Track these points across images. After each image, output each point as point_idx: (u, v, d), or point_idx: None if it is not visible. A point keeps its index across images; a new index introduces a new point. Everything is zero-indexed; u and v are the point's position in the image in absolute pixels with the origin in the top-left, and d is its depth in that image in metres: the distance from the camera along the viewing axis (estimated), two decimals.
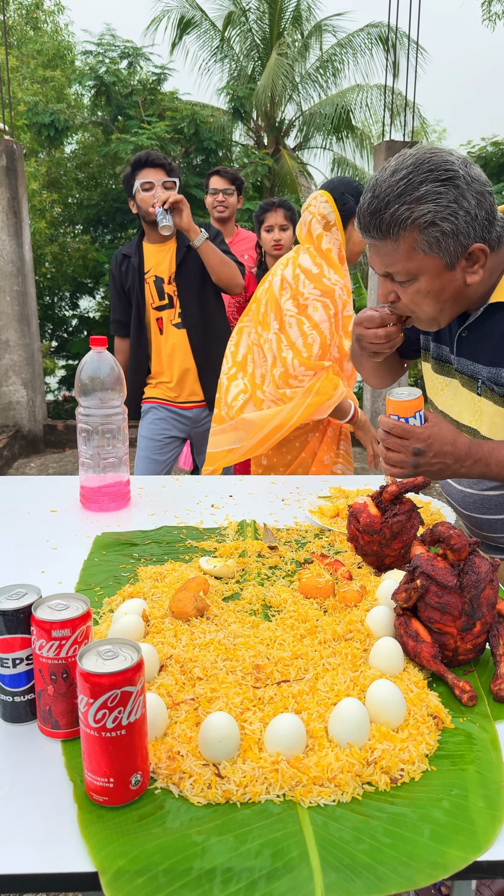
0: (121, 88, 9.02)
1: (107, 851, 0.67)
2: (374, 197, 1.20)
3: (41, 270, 9.20)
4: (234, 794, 0.74)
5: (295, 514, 1.57)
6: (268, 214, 3.20)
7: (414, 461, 1.21)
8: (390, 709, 0.83)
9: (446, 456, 1.21)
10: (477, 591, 0.93)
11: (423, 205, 1.16)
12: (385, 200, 1.18)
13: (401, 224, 1.17)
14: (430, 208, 1.16)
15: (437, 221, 1.16)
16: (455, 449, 1.21)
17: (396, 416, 1.22)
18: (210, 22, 11.10)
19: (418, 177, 1.16)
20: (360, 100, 10.79)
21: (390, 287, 1.28)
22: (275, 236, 3.20)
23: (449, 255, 1.19)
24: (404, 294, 1.26)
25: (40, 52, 11.38)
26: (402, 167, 1.18)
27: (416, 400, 1.21)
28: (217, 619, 1.06)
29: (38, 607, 0.82)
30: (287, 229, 3.24)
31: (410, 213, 1.16)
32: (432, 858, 0.67)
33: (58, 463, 6.08)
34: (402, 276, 1.23)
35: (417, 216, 1.16)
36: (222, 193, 3.85)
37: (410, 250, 1.20)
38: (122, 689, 0.70)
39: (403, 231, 1.18)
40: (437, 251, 1.19)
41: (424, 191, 1.16)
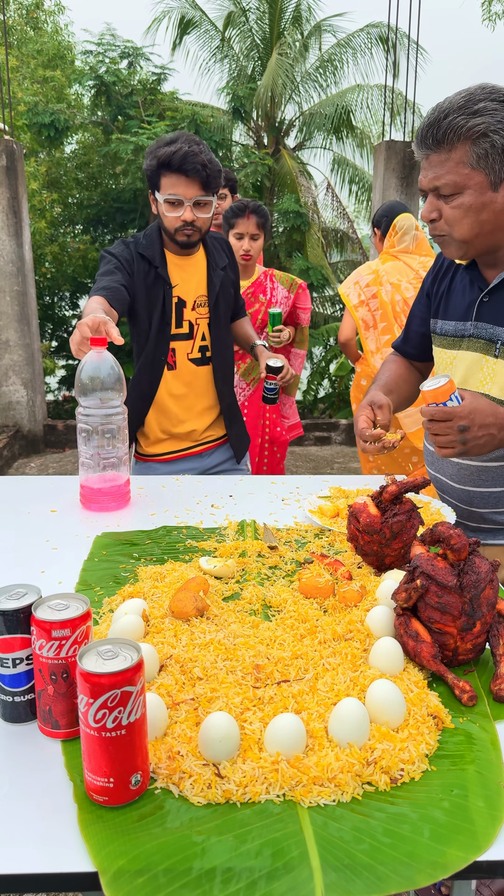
0: (121, 88, 9.02)
1: (107, 851, 0.67)
2: (435, 110, 1.30)
3: (41, 270, 9.20)
4: (234, 794, 0.74)
5: (295, 514, 1.57)
6: (239, 220, 2.92)
7: (462, 438, 1.25)
8: (390, 709, 0.83)
9: (490, 427, 1.25)
10: (477, 591, 0.93)
11: (479, 117, 1.25)
12: (445, 112, 1.28)
13: (455, 131, 1.27)
14: (484, 120, 1.25)
15: (489, 133, 1.25)
16: (497, 419, 1.26)
17: (434, 403, 1.26)
18: (210, 22, 11.10)
19: (479, 95, 1.27)
20: (360, 100, 10.79)
21: (435, 204, 1.35)
22: (244, 245, 2.94)
23: (494, 172, 1.28)
24: (446, 209, 1.34)
25: (40, 52, 11.37)
26: (466, 90, 1.30)
27: (447, 384, 1.25)
28: (217, 619, 1.06)
29: (38, 607, 0.82)
30: (258, 238, 2.97)
31: (466, 122, 1.26)
32: (432, 858, 0.67)
33: (58, 463, 6.08)
34: (448, 188, 1.31)
35: (472, 125, 1.25)
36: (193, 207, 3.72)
37: (460, 162, 1.28)
38: (122, 689, 0.70)
39: (457, 140, 1.27)
40: (484, 166, 1.28)
41: (482, 106, 1.26)
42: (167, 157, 1.95)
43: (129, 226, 9.38)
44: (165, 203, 2.00)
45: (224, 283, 2.21)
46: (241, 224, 2.91)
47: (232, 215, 2.92)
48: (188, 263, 2.15)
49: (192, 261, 2.16)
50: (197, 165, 1.93)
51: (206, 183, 1.97)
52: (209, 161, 1.96)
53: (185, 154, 1.93)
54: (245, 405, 3.19)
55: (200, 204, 2.01)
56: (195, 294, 2.15)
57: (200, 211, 2.01)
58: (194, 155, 1.93)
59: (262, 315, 3.11)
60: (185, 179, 1.95)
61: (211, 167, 1.97)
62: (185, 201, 1.98)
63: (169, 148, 1.95)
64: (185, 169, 1.93)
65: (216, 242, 2.27)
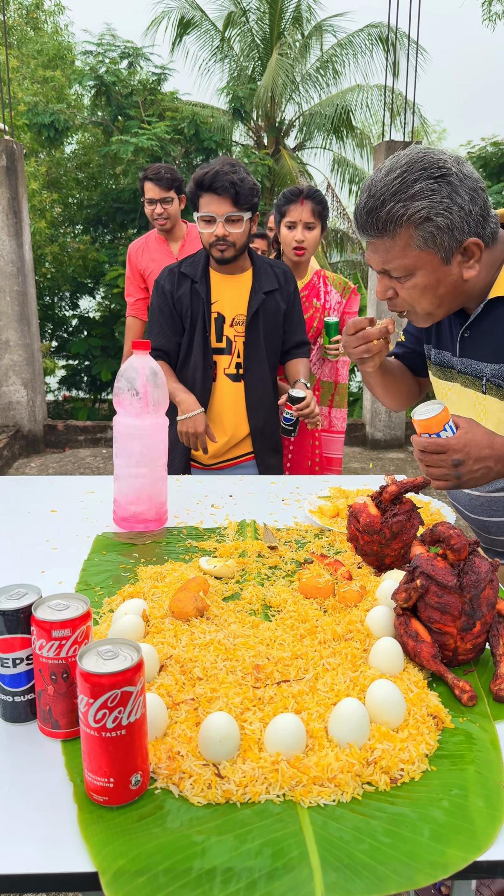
0: (121, 88, 9.01)
1: (107, 851, 0.67)
2: (370, 196, 1.23)
3: (41, 270, 9.20)
4: (234, 794, 0.74)
5: (295, 514, 1.57)
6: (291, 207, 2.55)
7: (456, 472, 1.19)
8: (390, 709, 0.83)
9: (486, 459, 1.19)
10: (477, 591, 0.93)
11: (418, 201, 1.19)
12: (381, 199, 1.21)
13: (396, 221, 1.20)
14: (424, 204, 1.18)
15: (432, 217, 1.19)
16: (493, 451, 1.20)
17: (427, 434, 1.20)
18: (210, 22, 11.10)
19: (412, 175, 1.19)
20: (360, 100, 10.79)
21: (388, 283, 1.30)
22: (297, 236, 2.56)
23: (444, 249, 1.22)
24: (402, 290, 1.28)
25: (40, 52, 11.37)
26: (397, 167, 1.21)
27: (441, 413, 1.19)
28: (217, 619, 1.06)
29: (38, 607, 0.82)
30: (314, 228, 2.57)
31: (405, 209, 1.19)
32: (432, 858, 0.67)
33: (58, 463, 6.08)
34: (399, 272, 1.25)
35: (412, 213, 1.19)
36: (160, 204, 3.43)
37: (406, 247, 1.22)
38: (122, 689, 0.70)
39: (399, 228, 1.21)
40: (432, 246, 1.22)
41: (419, 188, 1.18)
42: (201, 178, 2.10)
43: (129, 226, 9.38)
44: (200, 220, 2.14)
45: (267, 307, 2.26)
46: (294, 211, 2.56)
47: (284, 202, 2.59)
48: (233, 282, 2.26)
49: (238, 280, 2.27)
50: (226, 183, 2.06)
51: (236, 199, 2.08)
52: (240, 179, 2.07)
53: (216, 173, 2.07)
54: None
55: (232, 220, 2.11)
56: (235, 311, 2.25)
57: (232, 226, 2.12)
58: (225, 174, 2.07)
59: (316, 322, 2.76)
60: (216, 197, 2.08)
61: (241, 185, 2.07)
62: (217, 217, 2.10)
63: (204, 170, 2.11)
64: (216, 187, 2.06)
65: (272, 268, 2.32)
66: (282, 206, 2.60)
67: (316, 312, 2.78)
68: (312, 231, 2.57)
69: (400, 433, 6.46)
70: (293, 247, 2.59)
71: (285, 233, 2.61)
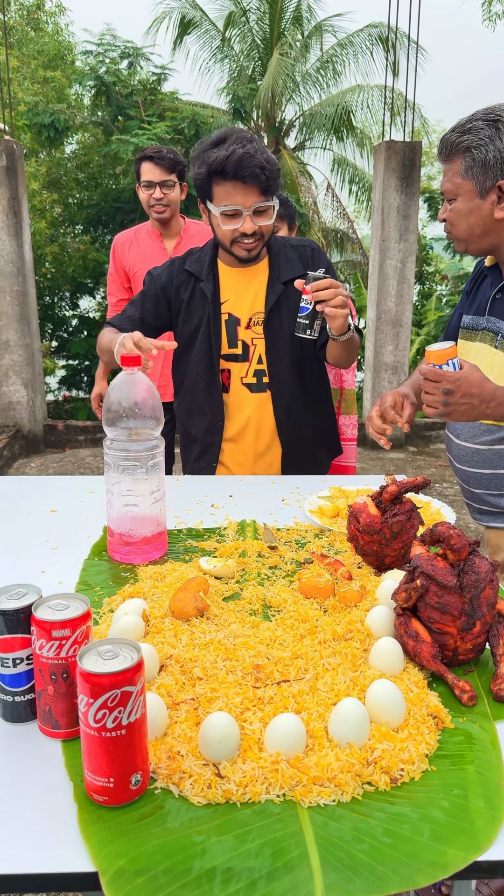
0: (121, 88, 9.01)
1: (107, 851, 0.67)
2: (449, 130, 1.52)
3: (41, 270, 9.20)
4: (234, 794, 0.74)
5: (295, 514, 1.57)
6: None
7: (444, 400, 1.35)
8: (390, 709, 0.83)
9: (473, 397, 1.35)
10: (477, 591, 0.93)
11: (468, 135, 1.46)
12: (453, 128, 1.50)
13: (450, 148, 1.49)
14: (470, 138, 1.45)
15: (472, 149, 1.45)
16: (482, 391, 1.36)
17: (433, 364, 1.37)
18: (210, 22, 11.10)
19: (479, 115, 1.47)
20: (360, 100, 10.79)
21: (445, 206, 1.56)
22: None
23: (479, 183, 1.47)
24: (449, 212, 1.54)
25: (41, 52, 11.37)
26: (483, 108, 1.50)
27: (449, 349, 1.37)
28: (217, 619, 1.06)
29: (38, 607, 0.82)
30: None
31: (458, 139, 1.47)
32: (432, 858, 0.67)
33: (58, 463, 6.08)
34: (447, 194, 1.53)
35: (459, 142, 1.47)
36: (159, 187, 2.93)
37: (455, 173, 1.49)
38: (122, 689, 0.70)
39: (452, 155, 1.49)
40: (470, 177, 1.47)
41: (472, 125, 1.46)
42: (221, 163, 1.70)
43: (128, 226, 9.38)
44: (222, 216, 1.77)
45: (290, 299, 1.88)
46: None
47: None
48: (246, 276, 1.90)
49: (251, 273, 1.90)
50: (255, 169, 1.69)
51: (265, 187, 1.74)
52: (267, 161, 1.73)
53: (240, 158, 1.68)
54: None
55: (261, 211, 1.77)
56: (251, 311, 1.90)
57: (261, 218, 1.79)
58: (250, 157, 1.69)
59: None
60: (242, 186, 1.72)
61: (270, 168, 1.73)
62: (244, 210, 1.75)
63: (220, 152, 1.71)
64: (242, 175, 1.69)
65: (294, 250, 1.95)
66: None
67: None
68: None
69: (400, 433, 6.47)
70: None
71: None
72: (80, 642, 0.81)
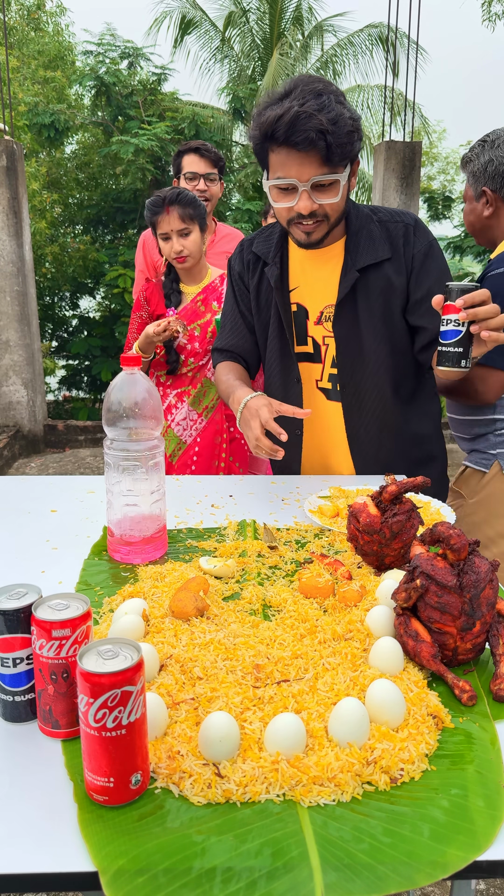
0: (121, 89, 9.02)
1: (107, 851, 0.67)
2: None
3: (41, 270, 9.20)
4: (234, 794, 0.74)
5: (295, 514, 1.57)
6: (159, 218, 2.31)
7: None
8: (390, 708, 0.83)
9: None
10: (477, 590, 0.93)
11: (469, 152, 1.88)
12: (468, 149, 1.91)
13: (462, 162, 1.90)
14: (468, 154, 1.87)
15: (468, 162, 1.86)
16: None
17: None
18: (211, 22, 11.11)
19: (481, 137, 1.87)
20: (360, 100, 10.80)
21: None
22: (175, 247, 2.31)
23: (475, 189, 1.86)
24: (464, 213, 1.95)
25: (41, 52, 11.38)
26: None
27: None
28: (217, 619, 1.06)
29: (38, 607, 0.82)
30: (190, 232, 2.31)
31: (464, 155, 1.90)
32: (432, 858, 0.67)
33: (58, 463, 6.09)
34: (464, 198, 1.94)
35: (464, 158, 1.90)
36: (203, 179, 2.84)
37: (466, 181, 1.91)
38: (122, 688, 0.70)
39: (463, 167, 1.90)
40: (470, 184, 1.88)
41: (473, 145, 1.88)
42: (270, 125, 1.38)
43: (129, 226, 9.38)
44: (273, 189, 1.48)
45: (369, 288, 1.56)
46: (163, 222, 2.27)
47: (151, 214, 2.32)
48: (318, 260, 1.59)
49: (323, 256, 1.59)
50: (310, 133, 1.34)
51: (327, 157, 1.39)
52: (333, 122, 1.35)
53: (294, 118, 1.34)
54: (197, 442, 2.41)
55: (322, 185, 1.44)
56: (322, 302, 1.60)
57: (324, 195, 1.45)
58: (308, 117, 1.34)
59: (212, 327, 2.39)
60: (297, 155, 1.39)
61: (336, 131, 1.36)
62: (300, 185, 1.42)
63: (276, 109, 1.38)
64: (295, 140, 1.37)
65: (383, 226, 1.59)
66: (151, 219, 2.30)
67: (214, 315, 2.40)
68: (189, 236, 2.29)
69: None
70: (173, 258, 2.32)
71: (162, 244, 2.32)
72: (81, 642, 0.81)
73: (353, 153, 1.43)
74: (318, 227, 1.50)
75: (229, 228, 3.11)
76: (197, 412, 2.41)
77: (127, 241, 9.52)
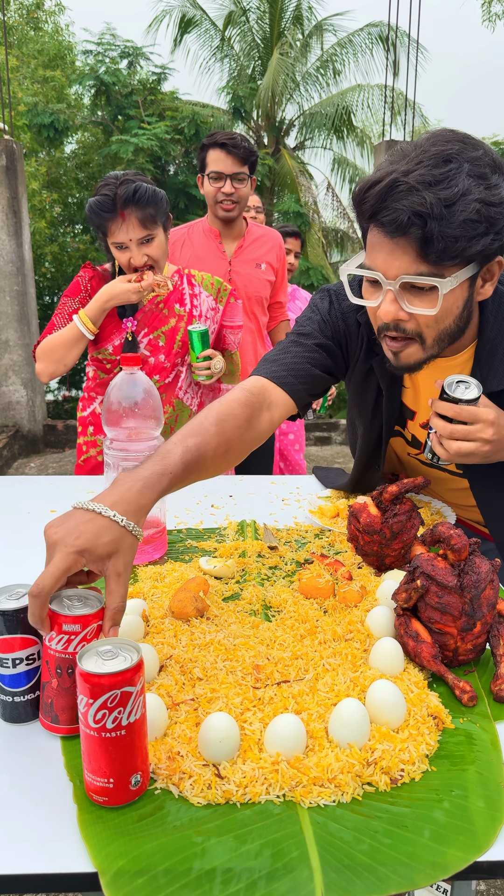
0: (121, 88, 9.02)
1: (107, 852, 0.67)
2: None
3: (41, 270, 9.21)
4: (234, 795, 0.74)
5: (295, 514, 1.57)
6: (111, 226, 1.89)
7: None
8: (390, 709, 0.83)
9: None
10: (477, 591, 0.93)
11: None
12: None
13: None
14: None
15: None
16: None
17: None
18: (211, 21, 11.11)
19: None
20: (360, 99, 10.80)
21: None
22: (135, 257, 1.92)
23: None
24: None
25: (41, 52, 11.38)
26: None
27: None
28: (217, 620, 1.06)
29: (52, 599, 0.81)
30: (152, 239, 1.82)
31: None
32: (432, 859, 0.67)
33: (58, 463, 6.09)
34: None
35: None
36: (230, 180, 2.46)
37: None
38: (122, 689, 0.70)
39: None
40: None
41: None
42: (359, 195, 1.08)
43: None
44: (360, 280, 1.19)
45: None
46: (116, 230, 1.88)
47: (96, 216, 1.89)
48: (439, 368, 1.22)
49: (448, 364, 1.23)
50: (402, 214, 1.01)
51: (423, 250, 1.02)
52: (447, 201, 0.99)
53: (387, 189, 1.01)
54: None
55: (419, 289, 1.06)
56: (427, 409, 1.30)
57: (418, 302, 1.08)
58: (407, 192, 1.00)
59: (180, 335, 2.06)
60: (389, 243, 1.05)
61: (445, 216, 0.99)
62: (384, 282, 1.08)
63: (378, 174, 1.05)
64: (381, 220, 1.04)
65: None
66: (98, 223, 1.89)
67: (179, 321, 2.06)
68: (153, 242, 1.90)
69: None
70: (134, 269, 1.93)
71: (117, 254, 1.93)
72: (90, 640, 0.81)
73: (470, 252, 1.01)
74: (406, 347, 1.12)
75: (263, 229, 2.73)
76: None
77: None
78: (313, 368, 1.29)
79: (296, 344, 1.31)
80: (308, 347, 1.30)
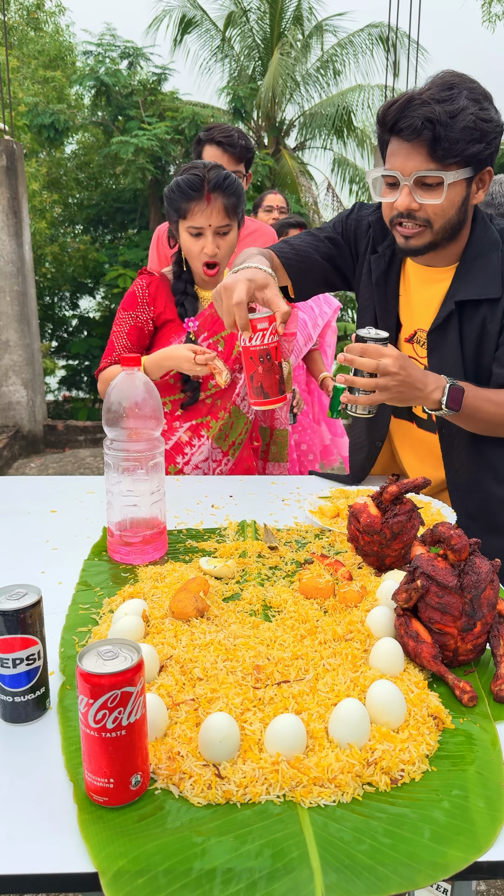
0: (121, 89, 9.02)
1: (107, 852, 0.67)
2: None
3: (41, 270, 9.21)
4: (235, 795, 0.74)
5: (295, 514, 1.57)
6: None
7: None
8: (390, 709, 0.83)
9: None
10: (477, 591, 0.93)
11: None
12: None
13: None
14: None
15: None
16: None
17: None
18: (211, 21, 11.11)
19: None
20: (360, 100, 10.80)
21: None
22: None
23: None
24: None
25: (41, 52, 11.38)
26: None
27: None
28: (217, 620, 1.06)
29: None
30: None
31: None
32: (433, 859, 0.67)
33: (58, 463, 6.09)
34: None
35: None
36: None
37: None
38: (122, 689, 0.70)
39: None
40: None
41: None
42: (383, 111, 1.30)
43: (129, 226, 9.39)
44: (379, 182, 1.38)
45: (464, 325, 1.42)
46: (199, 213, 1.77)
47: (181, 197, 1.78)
48: (427, 280, 1.45)
49: (434, 278, 1.45)
50: (417, 120, 1.24)
51: (433, 151, 1.26)
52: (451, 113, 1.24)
53: (405, 103, 1.26)
54: None
55: (428, 185, 1.30)
56: (417, 323, 1.49)
57: (427, 194, 1.31)
58: (420, 104, 1.24)
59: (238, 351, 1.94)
60: (406, 147, 1.28)
61: (450, 123, 1.24)
62: (402, 178, 1.30)
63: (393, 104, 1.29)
64: (400, 127, 1.26)
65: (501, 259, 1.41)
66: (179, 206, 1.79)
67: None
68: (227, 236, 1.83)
69: None
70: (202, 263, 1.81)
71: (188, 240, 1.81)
72: (275, 332, 1.24)
73: (468, 153, 1.26)
74: (418, 234, 1.34)
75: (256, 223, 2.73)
76: (222, 450, 1.94)
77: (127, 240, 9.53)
78: (314, 253, 1.56)
79: (308, 234, 1.62)
80: (317, 237, 1.60)
